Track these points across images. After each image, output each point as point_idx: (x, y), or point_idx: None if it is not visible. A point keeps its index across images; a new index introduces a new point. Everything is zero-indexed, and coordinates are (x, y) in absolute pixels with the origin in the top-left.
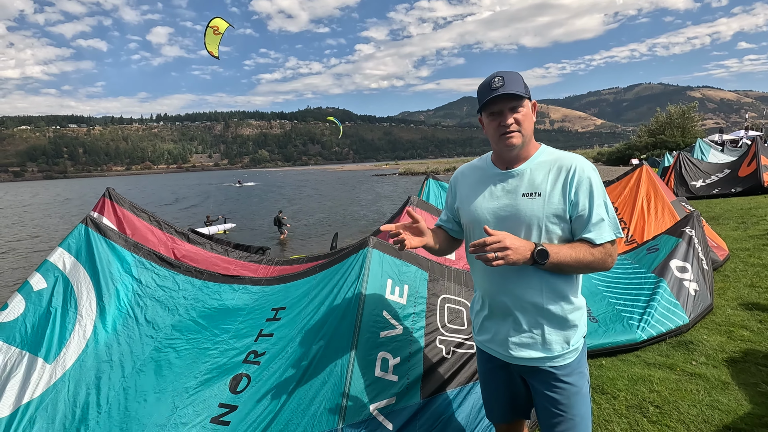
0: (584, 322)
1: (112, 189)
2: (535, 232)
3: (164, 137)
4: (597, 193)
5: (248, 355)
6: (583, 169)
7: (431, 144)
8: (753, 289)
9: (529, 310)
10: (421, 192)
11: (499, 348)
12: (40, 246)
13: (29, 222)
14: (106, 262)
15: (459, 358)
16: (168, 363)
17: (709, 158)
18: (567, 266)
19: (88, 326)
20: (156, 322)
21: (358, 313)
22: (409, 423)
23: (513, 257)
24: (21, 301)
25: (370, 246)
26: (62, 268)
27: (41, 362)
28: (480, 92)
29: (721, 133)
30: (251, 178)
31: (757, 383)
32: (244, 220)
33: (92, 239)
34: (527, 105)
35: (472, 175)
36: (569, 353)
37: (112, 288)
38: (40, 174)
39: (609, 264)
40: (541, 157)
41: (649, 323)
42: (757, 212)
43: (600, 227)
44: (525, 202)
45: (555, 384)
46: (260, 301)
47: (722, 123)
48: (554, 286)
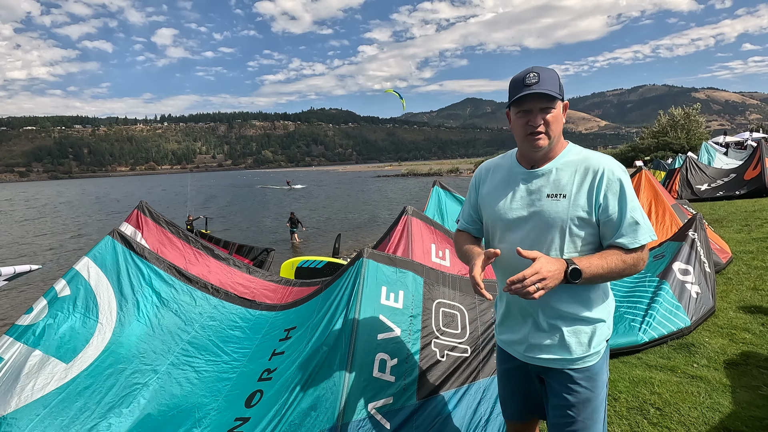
0: (607, 325)
1: (145, 203)
2: (558, 235)
3: (168, 138)
4: (629, 196)
5: (263, 374)
6: (612, 170)
7: (434, 145)
8: (756, 292)
9: (549, 312)
10: (427, 200)
11: (518, 348)
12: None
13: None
14: (129, 275)
15: (453, 362)
16: (188, 381)
17: (715, 162)
18: (599, 278)
19: (107, 334)
20: (173, 336)
21: (354, 318)
22: (406, 423)
23: (551, 284)
24: (45, 306)
25: (365, 257)
26: (86, 276)
27: (57, 362)
28: (512, 86)
29: (725, 135)
30: (297, 178)
31: (759, 386)
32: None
33: (118, 251)
34: (559, 106)
35: (496, 173)
36: (589, 356)
37: (132, 299)
38: (45, 174)
39: (640, 268)
40: (568, 157)
41: (651, 325)
42: (762, 215)
43: (633, 231)
44: (549, 204)
45: (570, 386)
46: (274, 324)
47: (727, 125)
48: (575, 290)
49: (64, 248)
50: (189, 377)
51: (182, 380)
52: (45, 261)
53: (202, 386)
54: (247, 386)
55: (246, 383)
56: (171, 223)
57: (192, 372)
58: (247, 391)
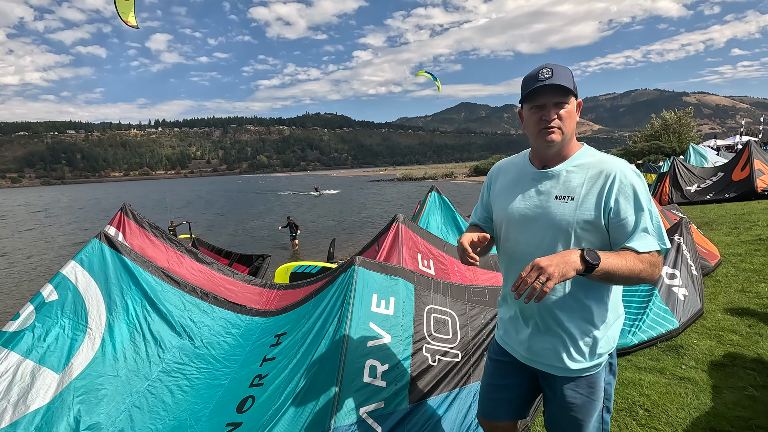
0: (611, 337)
1: (129, 205)
2: (563, 238)
3: (163, 143)
4: (642, 201)
5: (254, 379)
6: (625, 174)
7: (429, 149)
8: (743, 294)
9: (550, 319)
10: (424, 204)
11: (518, 349)
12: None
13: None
14: (117, 277)
15: (444, 366)
16: (179, 389)
17: (708, 163)
18: (618, 275)
19: (96, 339)
20: (163, 341)
21: (345, 326)
22: (397, 426)
23: (557, 270)
24: (32, 312)
25: (356, 264)
26: (74, 281)
27: (49, 372)
28: (525, 82)
29: (715, 139)
30: (327, 183)
31: (745, 386)
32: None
33: (105, 254)
34: (573, 103)
35: (508, 173)
36: (590, 367)
37: (121, 302)
38: (38, 180)
39: (656, 275)
40: (581, 159)
41: (640, 328)
42: (750, 218)
43: (644, 237)
44: (557, 205)
45: (568, 391)
46: (264, 330)
47: (718, 128)
48: (579, 297)
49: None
50: (180, 384)
51: (173, 388)
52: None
53: (194, 393)
54: (238, 392)
55: (237, 389)
56: (154, 225)
57: (184, 379)
58: (239, 397)
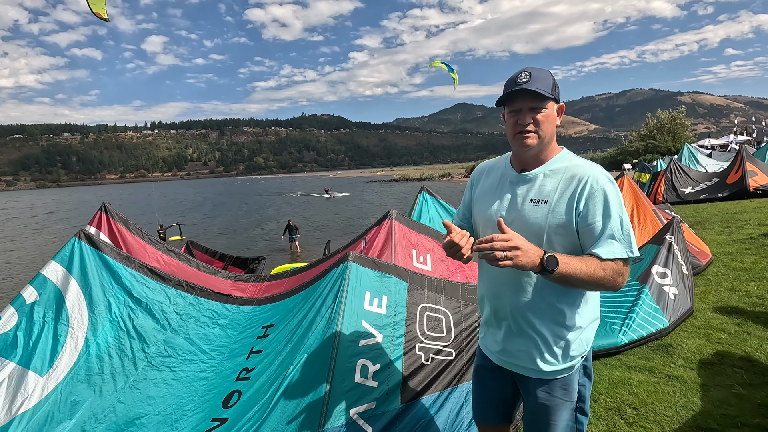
0: (585, 340)
1: (108, 203)
2: (536, 241)
3: (159, 145)
4: (612, 207)
5: (240, 373)
6: (597, 179)
7: (426, 150)
8: (733, 293)
9: (522, 320)
10: (414, 205)
11: (493, 350)
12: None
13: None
14: (98, 275)
15: (438, 365)
16: (164, 382)
17: (699, 162)
18: (576, 279)
19: (80, 339)
20: (147, 336)
21: (337, 324)
22: (388, 427)
23: (522, 260)
24: (14, 314)
25: (349, 260)
26: (55, 281)
27: (33, 375)
28: (505, 85)
29: (710, 138)
30: (327, 184)
31: (732, 385)
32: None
33: (85, 252)
34: (551, 107)
35: (490, 175)
36: (563, 369)
37: (103, 301)
38: (33, 183)
39: (619, 283)
40: (558, 164)
41: (631, 327)
42: (742, 216)
43: (609, 243)
44: (531, 209)
45: (542, 393)
46: (252, 320)
47: (713, 128)
48: (550, 300)
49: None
50: (165, 378)
51: (158, 381)
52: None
53: (179, 386)
54: (224, 386)
55: (223, 383)
56: (134, 225)
57: (168, 372)
58: (225, 391)
